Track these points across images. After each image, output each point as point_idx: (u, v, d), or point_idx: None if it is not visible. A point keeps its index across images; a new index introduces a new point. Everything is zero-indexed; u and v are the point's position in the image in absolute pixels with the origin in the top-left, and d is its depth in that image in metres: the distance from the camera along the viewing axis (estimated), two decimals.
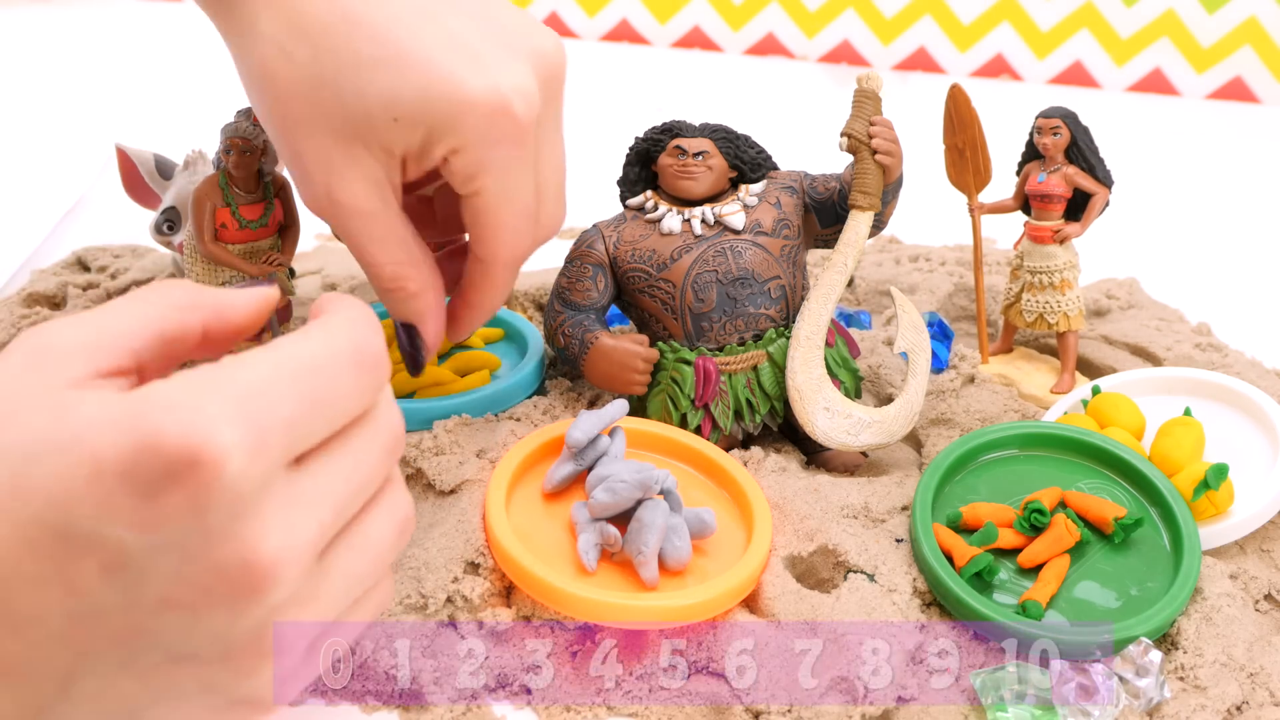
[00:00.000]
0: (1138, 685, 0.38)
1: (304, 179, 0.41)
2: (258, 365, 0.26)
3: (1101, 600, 0.41)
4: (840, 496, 0.46)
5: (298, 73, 0.39)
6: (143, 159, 0.60)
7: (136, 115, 0.97)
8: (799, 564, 0.44)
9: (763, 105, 1.03)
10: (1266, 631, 0.42)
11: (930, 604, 0.42)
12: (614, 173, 0.52)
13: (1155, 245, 0.75)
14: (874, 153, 0.49)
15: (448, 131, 0.39)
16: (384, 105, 0.39)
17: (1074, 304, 0.55)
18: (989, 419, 0.53)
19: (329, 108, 0.39)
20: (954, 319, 0.65)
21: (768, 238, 0.49)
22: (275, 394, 0.26)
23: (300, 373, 0.27)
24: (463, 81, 0.39)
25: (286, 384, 0.27)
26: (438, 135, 0.39)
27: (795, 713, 0.38)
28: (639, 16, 1.19)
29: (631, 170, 0.52)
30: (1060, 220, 0.55)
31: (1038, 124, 0.54)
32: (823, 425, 0.48)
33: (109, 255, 0.71)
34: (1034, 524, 0.43)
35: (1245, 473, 0.46)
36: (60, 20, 1.23)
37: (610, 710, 0.39)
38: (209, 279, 0.54)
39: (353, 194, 0.41)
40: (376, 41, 0.39)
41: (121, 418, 0.25)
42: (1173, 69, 1.05)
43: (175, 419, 0.24)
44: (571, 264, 0.51)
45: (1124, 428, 0.48)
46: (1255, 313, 0.66)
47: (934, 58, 1.12)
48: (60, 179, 0.85)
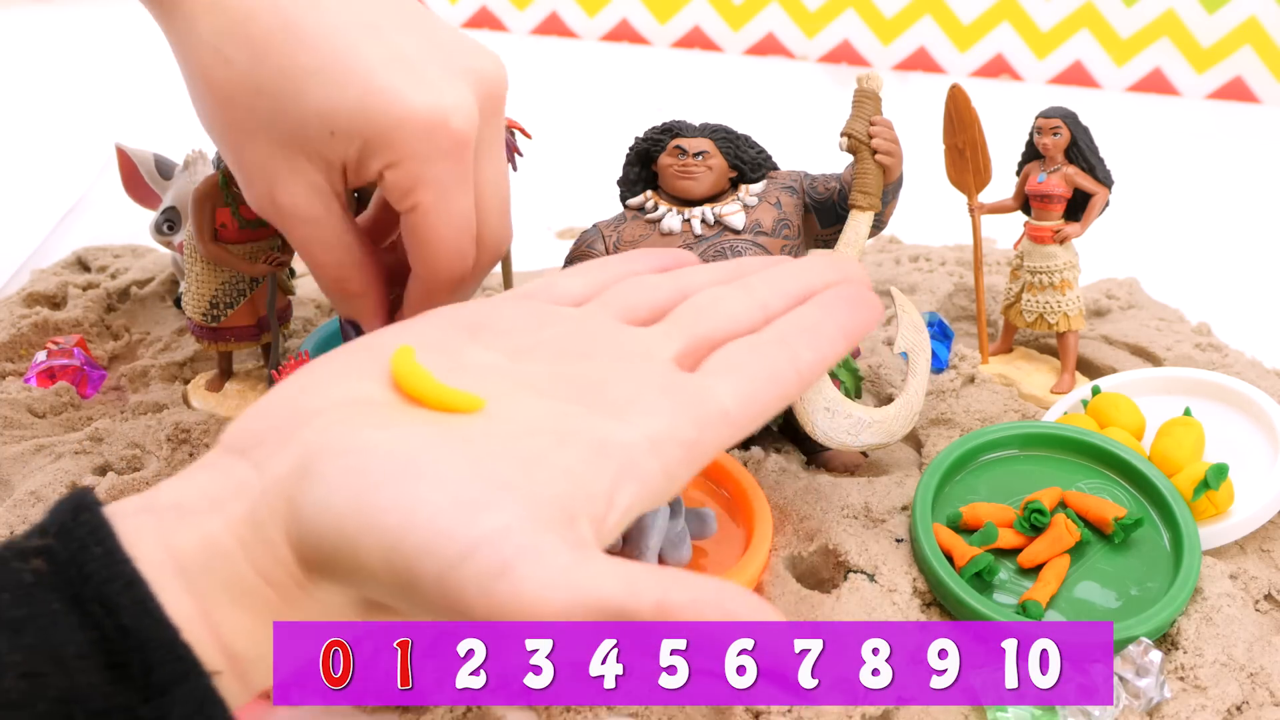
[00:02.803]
0: (1138, 685, 0.38)
1: (247, 182, 0.41)
2: None
3: (1101, 600, 0.41)
4: (840, 496, 0.46)
5: (237, 79, 0.39)
6: (143, 159, 0.60)
7: (136, 115, 0.97)
8: (799, 564, 0.44)
9: (763, 105, 1.03)
10: (1266, 631, 0.42)
11: (930, 604, 0.42)
12: (614, 173, 0.52)
13: (1155, 245, 0.75)
14: (874, 153, 0.49)
15: (384, 145, 0.39)
16: (321, 117, 0.39)
17: (1074, 304, 0.55)
18: (989, 419, 0.53)
19: (268, 115, 0.39)
20: (954, 319, 0.65)
21: (768, 238, 0.49)
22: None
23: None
24: (400, 96, 0.38)
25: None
26: (373, 149, 0.39)
27: (795, 713, 0.38)
28: (639, 16, 1.19)
29: (631, 170, 0.52)
30: (1060, 220, 0.55)
31: (1038, 124, 0.54)
32: (823, 425, 0.48)
33: (109, 255, 0.71)
34: (1034, 524, 0.43)
35: (1245, 473, 0.46)
36: (60, 20, 1.23)
37: (610, 710, 0.39)
38: (209, 279, 0.54)
39: (294, 200, 0.41)
40: (316, 52, 0.38)
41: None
42: (1173, 69, 1.05)
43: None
44: (571, 264, 0.51)
45: (1124, 428, 0.48)
46: (1255, 313, 0.66)
47: (934, 58, 1.12)
48: (60, 179, 0.85)
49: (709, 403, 0.30)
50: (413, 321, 0.33)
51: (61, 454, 0.51)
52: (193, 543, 0.26)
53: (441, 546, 0.25)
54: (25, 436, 0.53)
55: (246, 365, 0.59)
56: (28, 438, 0.53)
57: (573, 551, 0.25)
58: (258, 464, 0.27)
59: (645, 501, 0.29)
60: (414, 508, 0.25)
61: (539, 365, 0.31)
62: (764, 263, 0.38)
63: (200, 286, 0.54)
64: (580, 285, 0.37)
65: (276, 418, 0.28)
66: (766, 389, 0.32)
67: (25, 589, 0.24)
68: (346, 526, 0.25)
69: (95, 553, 0.24)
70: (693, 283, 0.36)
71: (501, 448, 0.27)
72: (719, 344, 0.33)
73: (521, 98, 0.57)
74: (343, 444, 0.27)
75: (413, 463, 0.26)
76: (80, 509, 0.25)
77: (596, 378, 0.31)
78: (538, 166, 0.54)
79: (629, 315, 0.35)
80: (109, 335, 0.63)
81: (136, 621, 0.23)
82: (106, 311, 0.65)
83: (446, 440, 0.27)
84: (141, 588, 0.24)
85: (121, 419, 0.54)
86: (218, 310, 0.54)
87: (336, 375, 0.30)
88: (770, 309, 0.35)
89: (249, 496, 0.27)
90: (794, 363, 0.33)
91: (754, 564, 0.42)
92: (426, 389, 0.29)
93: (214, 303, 0.54)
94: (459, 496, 0.26)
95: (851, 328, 0.35)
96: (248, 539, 0.26)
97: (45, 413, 0.55)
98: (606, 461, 0.28)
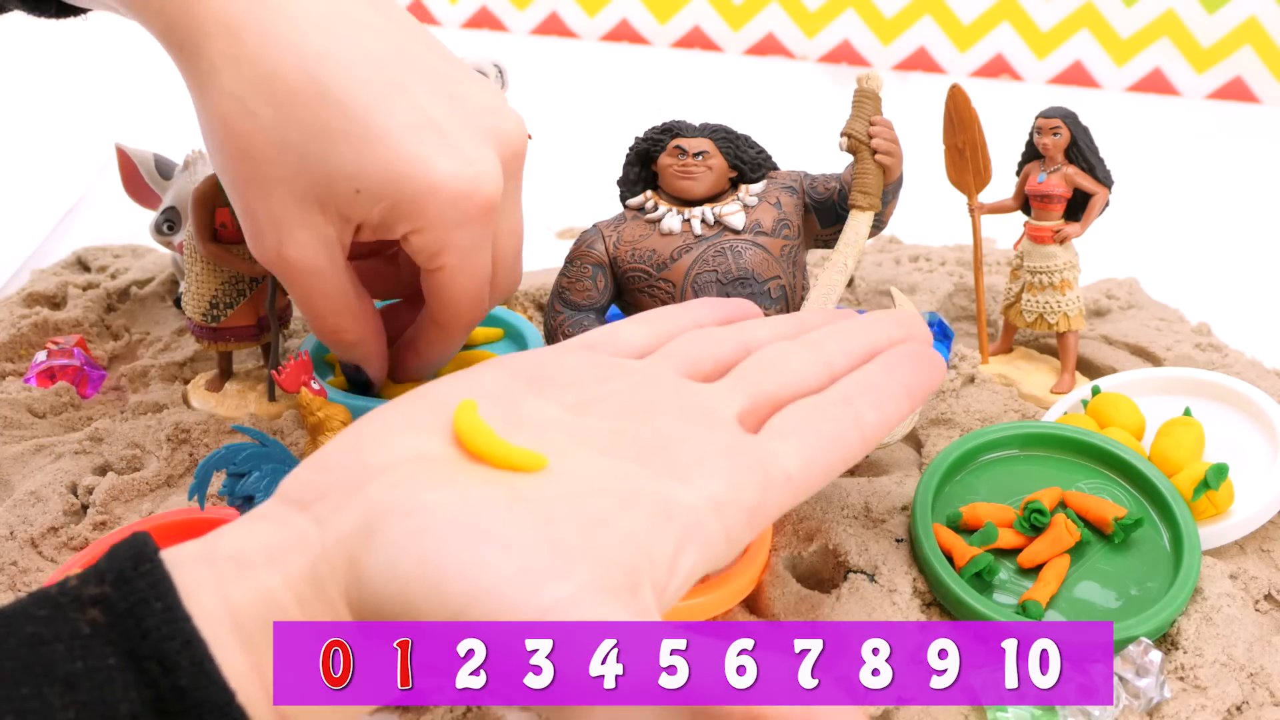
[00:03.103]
0: (1138, 685, 0.38)
1: (255, 234, 0.41)
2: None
3: (1101, 600, 0.41)
4: (840, 496, 0.46)
5: (261, 132, 0.39)
6: (143, 159, 0.60)
7: (136, 115, 0.97)
8: (799, 564, 0.44)
9: (763, 105, 1.03)
10: (1266, 631, 0.42)
11: (930, 604, 0.42)
12: (614, 173, 0.52)
13: (1155, 245, 0.75)
14: (874, 153, 0.49)
15: (412, 212, 0.39)
16: (348, 177, 0.39)
17: (1074, 304, 0.55)
18: (989, 419, 0.53)
19: (290, 170, 0.39)
20: (954, 319, 0.65)
21: (768, 238, 0.49)
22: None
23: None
24: (430, 164, 0.39)
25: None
26: (401, 214, 0.40)
27: None
28: (639, 16, 1.19)
29: (631, 170, 0.52)
30: (1060, 220, 0.55)
31: (1038, 124, 0.54)
32: None
33: (109, 255, 0.71)
34: (1034, 524, 0.43)
35: (1245, 473, 0.46)
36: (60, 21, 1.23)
37: None
38: (209, 279, 0.54)
39: (302, 253, 0.41)
40: (345, 114, 0.38)
41: None
42: (1173, 69, 1.05)
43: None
44: (571, 264, 0.51)
45: (1124, 428, 0.48)
46: (1255, 313, 0.66)
47: (934, 58, 1.12)
48: (60, 179, 0.85)
49: (772, 466, 0.30)
50: (472, 371, 0.33)
51: (61, 454, 0.51)
52: (250, 597, 0.25)
53: (508, 616, 0.25)
54: (25, 436, 0.53)
55: (246, 365, 0.59)
56: (28, 438, 0.53)
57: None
58: (319, 519, 0.27)
59: (706, 565, 0.28)
60: (480, 574, 0.25)
61: (601, 421, 0.31)
62: (829, 316, 0.38)
63: (200, 286, 0.54)
64: (643, 335, 0.36)
65: (339, 471, 0.28)
66: (830, 451, 0.31)
67: (82, 641, 0.23)
68: (411, 591, 0.25)
69: (155, 608, 0.24)
70: (756, 337, 0.36)
71: (566, 510, 0.27)
72: (783, 403, 0.33)
73: (521, 98, 0.57)
74: (408, 504, 0.26)
75: (478, 526, 0.26)
76: (140, 559, 0.25)
77: (659, 436, 0.30)
78: (538, 167, 0.54)
79: (692, 369, 0.34)
80: (109, 335, 0.63)
81: (193, 683, 0.23)
82: (106, 311, 0.65)
83: (512, 502, 0.27)
84: (200, 647, 0.24)
85: (121, 419, 0.54)
86: (218, 310, 0.54)
87: (398, 428, 0.30)
88: (835, 367, 0.34)
89: (309, 553, 0.26)
90: (858, 424, 0.32)
91: (754, 564, 0.42)
92: (490, 447, 0.28)
93: (214, 303, 0.54)
94: (525, 565, 0.25)
95: (916, 387, 0.34)
96: (306, 597, 0.26)
97: (45, 413, 0.55)
98: (670, 525, 0.27)
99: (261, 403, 0.56)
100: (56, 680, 0.22)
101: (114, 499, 0.48)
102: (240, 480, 0.43)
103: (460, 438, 0.29)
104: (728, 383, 0.33)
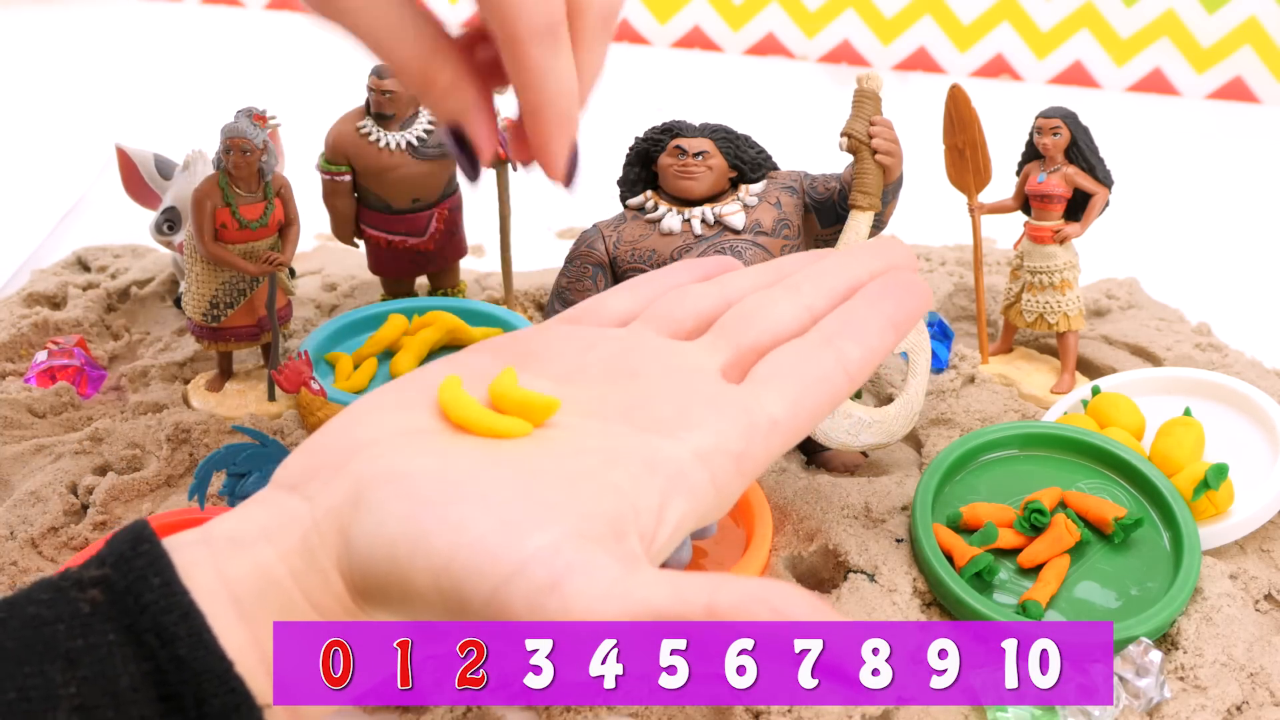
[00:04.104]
0: (1138, 685, 0.38)
1: None
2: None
3: (1101, 600, 0.41)
4: (840, 496, 0.46)
5: None
6: (143, 159, 0.60)
7: (136, 115, 0.97)
8: (799, 564, 0.44)
9: (763, 105, 1.03)
10: (1266, 631, 0.42)
11: (930, 604, 0.42)
12: (614, 173, 0.52)
13: (1155, 245, 0.75)
14: (874, 153, 0.49)
15: None
16: None
17: (1074, 304, 0.55)
18: (989, 419, 0.53)
19: None
20: (954, 319, 0.65)
21: (768, 237, 0.49)
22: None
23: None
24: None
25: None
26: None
27: (795, 713, 0.38)
28: (639, 16, 1.19)
29: (631, 170, 0.52)
30: (1060, 220, 0.55)
31: (1038, 124, 0.54)
32: (823, 425, 0.48)
33: (109, 255, 0.71)
34: (1034, 524, 0.43)
35: (1245, 473, 0.46)
36: (60, 20, 1.23)
37: (610, 710, 0.39)
38: (209, 279, 0.54)
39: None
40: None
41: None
42: (1173, 69, 1.05)
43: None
44: (572, 264, 0.51)
45: (1124, 428, 0.48)
46: (1255, 313, 0.66)
47: (934, 58, 1.12)
48: (60, 179, 0.85)
49: (757, 413, 0.30)
50: (459, 355, 0.33)
51: (61, 454, 0.51)
52: (246, 571, 0.26)
53: (490, 567, 0.25)
54: (25, 436, 0.53)
55: (246, 365, 0.59)
56: (28, 438, 0.53)
57: (621, 565, 0.25)
58: (309, 496, 0.27)
59: (696, 515, 0.29)
60: (462, 529, 0.25)
61: (586, 388, 0.31)
62: (807, 258, 0.38)
63: (200, 286, 0.54)
64: (626, 303, 0.36)
65: (327, 452, 0.28)
66: (815, 393, 0.32)
67: (82, 619, 0.24)
68: (398, 551, 0.25)
69: (153, 583, 0.24)
70: (736, 288, 0.36)
71: (548, 469, 0.27)
72: (766, 350, 0.33)
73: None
74: (392, 471, 0.27)
75: (460, 486, 0.26)
76: (139, 540, 0.25)
77: (642, 396, 0.31)
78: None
79: (674, 329, 0.34)
80: (109, 335, 0.63)
81: (191, 653, 0.24)
82: (106, 311, 0.65)
83: (494, 464, 0.27)
84: (198, 619, 0.24)
85: (121, 419, 0.54)
86: (218, 310, 0.54)
87: (386, 408, 0.30)
88: (815, 309, 0.34)
89: (301, 527, 0.27)
90: (841, 362, 0.32)
91: (754, 564, 0.42)
92: (473, 416, 0.29)
93: (214, 303, 0.54)
94: (507, 517, 0.26)
95: (899, 317, 0.34)
96: (300, 568, 0.26)
97: (45, 413, 0.55)
98: (654, 477, 0.28)
99: (261, 403, 0.56)
100: (58, 657, 0.23)
101: (114, 499, 0.48)
102: (240, 480, 0.43)
103: (445, 410, 0.29)
104: (709, 338, 0.34)
